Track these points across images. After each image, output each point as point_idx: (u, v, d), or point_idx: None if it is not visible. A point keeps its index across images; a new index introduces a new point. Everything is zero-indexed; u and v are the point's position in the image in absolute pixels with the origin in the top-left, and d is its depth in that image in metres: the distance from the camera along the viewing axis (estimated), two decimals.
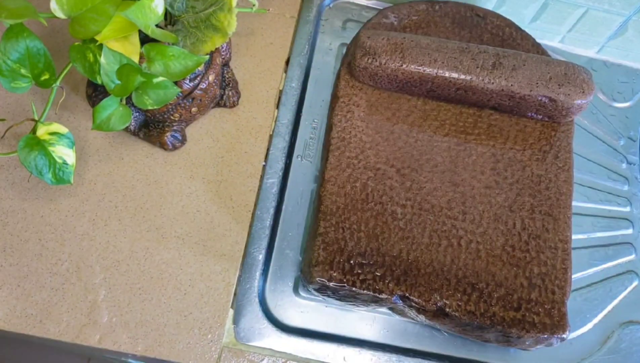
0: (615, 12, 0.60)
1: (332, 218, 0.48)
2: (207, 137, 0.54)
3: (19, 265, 0.47)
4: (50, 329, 0.45)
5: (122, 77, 0.43)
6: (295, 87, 0.59)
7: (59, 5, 0.40)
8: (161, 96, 0.45)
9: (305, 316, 0.50)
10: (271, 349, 0.48)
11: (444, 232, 0.49)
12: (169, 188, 0.52)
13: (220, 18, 0.45)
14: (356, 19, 0.65)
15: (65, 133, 0.44)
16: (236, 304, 0.49)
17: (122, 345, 0.46)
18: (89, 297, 0.47)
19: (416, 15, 0.59)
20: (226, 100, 0.55)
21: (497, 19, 0.60)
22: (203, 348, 0.47)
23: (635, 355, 0.52)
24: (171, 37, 0.45)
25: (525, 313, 0.46)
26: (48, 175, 0.43)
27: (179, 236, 0.50)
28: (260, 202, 0.53)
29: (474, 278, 0.47)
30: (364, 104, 0.54)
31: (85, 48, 0.42)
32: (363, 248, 0.47)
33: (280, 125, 0.57)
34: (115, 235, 0.49)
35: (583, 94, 0.52)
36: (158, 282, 0.48)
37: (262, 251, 0.51)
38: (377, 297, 0.46)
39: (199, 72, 0.49)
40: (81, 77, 0.55)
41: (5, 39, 0.40)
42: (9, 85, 0.42)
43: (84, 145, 0.52)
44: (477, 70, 0.52)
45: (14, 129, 0.48)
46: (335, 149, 0.51)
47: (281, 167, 0.55)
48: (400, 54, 0.52)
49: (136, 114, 0.51)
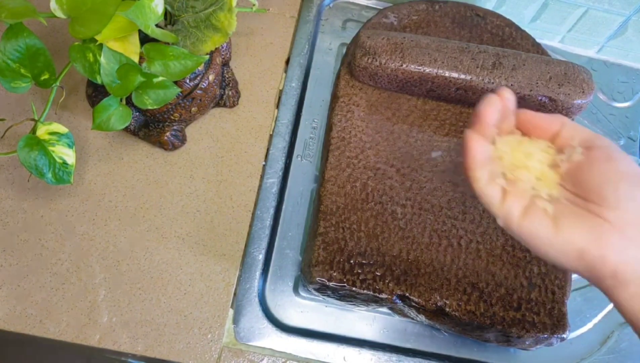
0: (615, 12, 0.60)
1: (332, 218, 0.48)
2: (207, 137, 0.54)
3: (19, 265, 0.47)
4: (50, 329, 0.45)
5: (122, 77, 0.43)
6: (295, 86, 0.59)
7: (59, 5, 0.40)
8: (161, 96, 0.45)
9: (305, 316, 0.50)
10: (271, 349, 0.48)
11: (444, 231, 0.49)
12: (169, 189, 0.52)
13: (220, 18, 0.45)
14: (356, 19, 0.65)
15: (65, 133, 0.44)
16: (236, 304, 0.49)
17: (122, 345, 0.46)
18: (89, 297, 0.47)
19: (416, 15, 0.59)
20: (226, 100, 0.55)
21: (497, 18, 0.60)
22: (203, 348, 0.46)
23: (635, 355, 0.52)
24: (171, 37, 0.45)
25: (525, 313, 0.46)
26: (48, 175, 0.43)
27: (179, 236, 0.50)
28: (260, 202, 0.53)
29: (474, 278, 0.47)
30: (364, 103, 0.54)
31: (85, 48, 0.42)
32: (363, 248, 0.47)
33: (280, 125, 0.57)
34: (115, 235, 0.49)
35: (583, 94, 0.52)
36: (158, 282, 0.48)
37: (262, 251, 0.51)
38: (377, 296, 0.46)
39: (199, 71, 0.49)
40: (81, 77, 0.55)
41: (5, 38, 0.40)
42: (9, 85, 0.42)
43: (84, 145, 0.52)
44: (477, 70, 0.52)
45: (14, 129, 0.48)
46: (335, 148, 0.51)
47: (281, 167, 0.55)
48: (400, 54, 0.52)
49: (136, 114, 0.51)
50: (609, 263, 0.31)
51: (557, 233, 0.32)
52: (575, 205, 0.33)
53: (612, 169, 0.32)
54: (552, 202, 0.34)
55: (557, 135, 0.35)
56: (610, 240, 0.31)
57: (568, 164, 0.34)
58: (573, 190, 0.34)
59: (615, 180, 0.32)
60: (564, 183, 0.34)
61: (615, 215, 0.31)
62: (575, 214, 0.32)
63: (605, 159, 0.33)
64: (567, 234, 0.32)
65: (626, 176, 0.32)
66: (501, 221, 0.34)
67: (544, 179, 0.35)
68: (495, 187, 0.34)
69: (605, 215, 0.31)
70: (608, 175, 0.32)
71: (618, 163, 0.32)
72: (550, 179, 0.35)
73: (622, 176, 0.32)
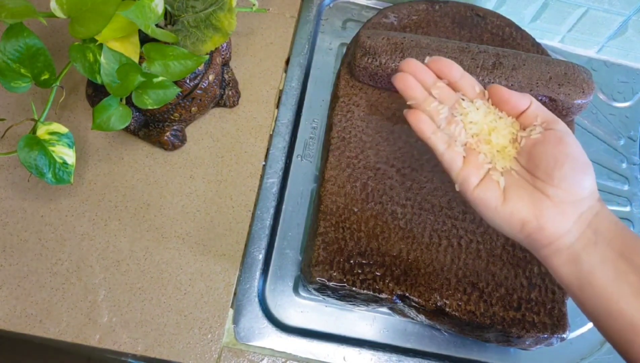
0: (615, 12, 0.60)
1: (332, 218, 0.48)
2: (207, 137, 0.54)
3: (19, 265, 0.47)
4: (50, 329, 0.45)
5: (122, 77, 0.43)
6: (295, 86, 0.59)
7: (59, 5, 0.40)
8: (161, 96, 0.45)
9: (305, 316, 0.50)
10: (271, 349, 0.48)
11: (444, 231, 0.49)
12: (169, 189, 0.52)
13: (220, 18, 0.45)
14: (356, 19, 0.65)
15: (65, 133, 0.44)
16: (236, 304, 0.49)
17: (122, 345, 0.46)
18: (89, 297, 0.47)
19: (416, 15, 0.59)
20: (226, 100, 0.55)
21: (497, 18, 0.60)
22: (203, 348, 0.47)
23: None
24: (171, 36, 0.45)
25: (526, 313, 0.46)
26: (48, 175, 0.43)
27: (179, 236, 0.50)
28: (260, 202, 0.53)
29: (474, 278, 0.47)
30: (364, 103, 0.54)
31: (85, 48, 0.42)
32: (363, 248, 0.47)
33: (280, 125, 0.57)
34: (115, 235, 0.49)
35: (583, 94, 0.52)
36: (158, 282, 0.48)
37: (262, 251, 0.51)
38: (377, 296, 0.46)
39: (199, 71, 0.49)
40: (81, 77, 0.55)
41: (5, 38, 0.40)
42: (9, 85, 0.42)
43: (84, 145, 0.52)
44: (477, 70, 0.52)
45: (14, 129, 0.48)
46: (335, 148, 0.51)
47: (281, 167, 0.55)
48: (400, 54, 0.52)
49: (136, 114, 0.51)
50: (546, 233, 0.35)
51: (505, 203, 0.36)
52: (524, 179, 0.37)
53: (561, 151, 0.36)
54: (504, 174, 0.38)
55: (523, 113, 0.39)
56: (549, 214, 0.35)
57: (526, 140, 0.38)
58: (525, 165, 0.37)
59: (561, 162, 0.35)
60: (518, 157, 0.38)
61: (556, 192, 0.35)
62: (522, 188, 0.36)
63: (557, 141, 0.36)
64: (513, 205, 0.36)
65: (572, 159, 0.35)
66: (458, 186, 0.38)
67: (503, 152, 0.38)
68: (455, 155, 0.39)
69: (548, 192, 0.35)
70: (556, 156, 0.35)
71: (567, 147, 0.36)
72: (508, 153, 0.38)
73: (568, 159, 0.35)
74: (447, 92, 0.41)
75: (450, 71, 0.41)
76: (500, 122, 0.39)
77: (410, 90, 0.40)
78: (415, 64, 0.41)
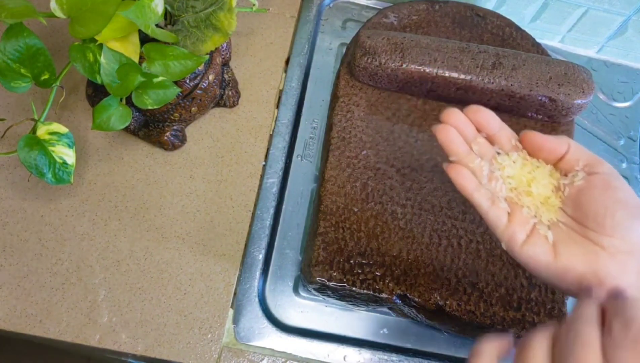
0: (615, 12, 0.60)
1: (332, 218, 0.48)
2: (207, 137, 0.54)
3: (19, 265, 0.47)
4: (50, 329, 0.45)
5: (122, 77, 0.43)
6: (295, 86, 0.59)
7: (59, 5, 0.40)
8: (161, 96, 0.45)
9: (305, 316, 0.50)
10: (271, 349, 0.48)
11: (444, 231, 0.49)
12: (169, 189, 0.52)
13: (220, 18, 0.45)
14: (356, 19, 0.65)
15: (65, 133, 0.44)
16: (236, 304, 0.49)
17: (122, 345, 0.46)
18: (89, 297, 0.47)
19: (416, 15, 0.59)
20: (226, 100, 0.55)
21: (497, 18, 0.60)
22: (203, 348, 0.47)
23: None
24: (171, 36, 0.45)
25: (525, 313, 0.46)
26: (48, 175, 0.43)
27: (179, 236, 0.50)
28: (260, 202, 0.53)
29: (474, 277, 0.47)
30: (364, 103, 0.54)
31: (85, 48, 0.42)
32: (363, 248, 0.47)
33: (280, 125, 0.57)
34: (115, 235, 0.49)
35: (583, 94, 0.52)
36: (158, 282, 0.48)
37: (262, 251, 0.51)
38: (377, 296, 0.46)
39: (199, 71, 0.49)
40: (81, 77, 0.55)
41: (5, 38, 0.40)
42: (9, 85, 0.42)
43: (84, 145, 0.52)
44: (477, 70, 0.52)
45: (14, 129, 0.48)
46: (335, 148, 0.51)
47: (281, 167, 0.55)
48: (400, 54, 0.52)
49: (136, 114, 0.51)
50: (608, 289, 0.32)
51: (557, 259, 0.33)
52: (574, 230, 0.34)
53: (610, 197, 0.33)
54: (552, 227, 0.35)
55: (562, 158, 0.36)
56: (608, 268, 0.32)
57: (570, 188, 0.35)
58: (572, 214, 0.35)
59: (612, 209, 0.33)
60: (564, 207, 0.35)
61: (611, 242, 0.32)
62: (573, 240, 0.34)
63: (604, 186, 0.34)
64: (565, 261, 0.33)
65: (624, 205, 0.33)
66: (504, 245, 0.36)
67: (547, 204, 0.36)
68: (500, 212, 0.36)
69: (602, 243, 0.33)
70: (606, 203, 0.33)
71: (617, 191, 0.33)
72: (553, 204, 0.36)
73: (619, 205, 0.33)
74: (486, 147, 0.38)
75: (489, 123, 0.38)
76: (538, 172, 0.36)
77: (453, 144, 0.38)
78: (458, 116, 0.38)
